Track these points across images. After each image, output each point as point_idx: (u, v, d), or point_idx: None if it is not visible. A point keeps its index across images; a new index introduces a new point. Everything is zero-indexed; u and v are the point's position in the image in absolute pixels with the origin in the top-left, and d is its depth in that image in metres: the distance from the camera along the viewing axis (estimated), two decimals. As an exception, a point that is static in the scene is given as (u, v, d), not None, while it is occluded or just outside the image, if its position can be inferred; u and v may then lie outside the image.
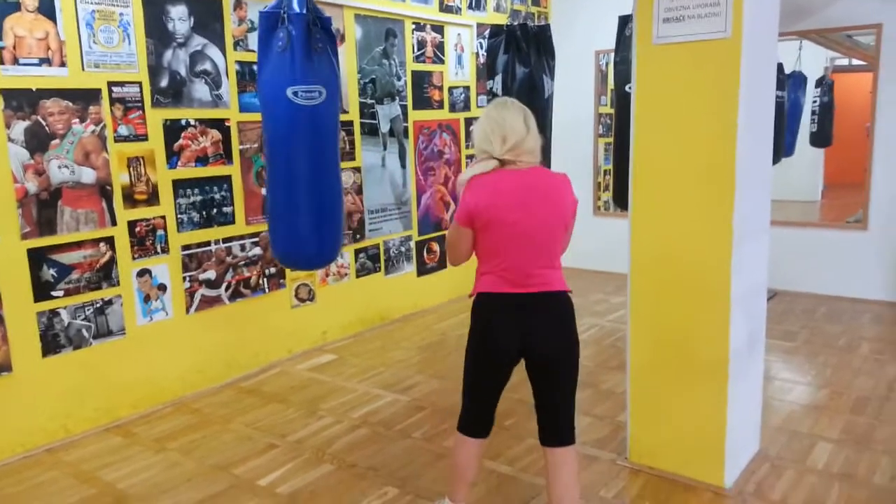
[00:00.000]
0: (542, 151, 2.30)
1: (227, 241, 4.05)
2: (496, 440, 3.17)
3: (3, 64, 3.09)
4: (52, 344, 3.33)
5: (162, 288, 3.76)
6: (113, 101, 3.48)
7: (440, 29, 5.44)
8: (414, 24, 5.20)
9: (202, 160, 3.90)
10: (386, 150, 5.07)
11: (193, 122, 3.83)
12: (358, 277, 4.95)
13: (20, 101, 3.15)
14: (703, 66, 2.59)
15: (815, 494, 2.74)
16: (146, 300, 3.69)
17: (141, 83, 3.59)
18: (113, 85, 3.47)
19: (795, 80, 6.30)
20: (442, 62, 5.49)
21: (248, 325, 4.21)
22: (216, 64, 3.92)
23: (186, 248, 3.85)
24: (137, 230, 3.63)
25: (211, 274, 3.98)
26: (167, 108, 3.71)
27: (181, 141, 3.79)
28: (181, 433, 3.45)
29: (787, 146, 6.38)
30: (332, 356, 4.53)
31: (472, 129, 5.63)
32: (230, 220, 4.05)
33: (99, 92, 3.42)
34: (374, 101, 4.93)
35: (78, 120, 3.35)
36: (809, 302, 5.49)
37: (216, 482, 2.96)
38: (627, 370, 2.97)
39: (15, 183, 3.16)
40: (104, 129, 3.46)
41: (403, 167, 5.23)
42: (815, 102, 6.37)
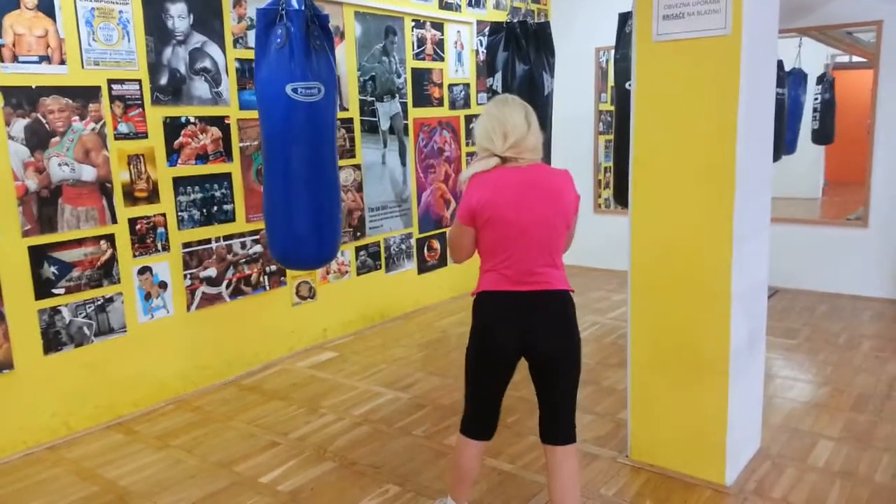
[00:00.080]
0: (543, 148, 2.30)
1: (227, 238, 4.05)
2: (497, 438, 3.14)
3: (2, 62, 3.09)
4: (53, 341, 3.33)
5: (163, 285, 3.76)
6: (113, 98, 3.48)
7: (440, 26, 5.43)
8: (414, 21, 5.19)
9: (202, 158, 3.90)
10: (386, 147, 5.06)
11: (193, 119, 3.83)
12: (359, 275, 4.95)
13: (20, 98, 3.15)
14: (703, 63, 2.59)
15: (816, 492, 2.74)
16: (147, 298, 3.70)
17: (141, 81, 3.58)
18: (113, 82, 3.47)
19: (796, 77, 6.29)
20: (442, 59, 5.48)
21: (248, 322, 4.21)
22: (216, 61, 3.91)
23: (187, 245, 3.85)
24: (138, 228, 3.63)
25: (212, 271, 3.99)
26: (167, 105, 3.71)
27: (181, 138, 3.78)
28: (183, 431, 3.45)
29: (789, 144, 6.38)
30: (332, 354, 4.53)
31: (472, 126, 5.65)
32: (231, 217, 4.06)
33: (99, 89, 3.42)
34: (374, 98, 4.92)
35: (78, 117, 3.35)
36: (810, 299, 5.49)
37: (218, 479, 2.97)
38: (628, 368, 2.97)
39: (15, 181, 3.16)
40: (104, 126, 3.46)
41: (404, 165, 5.23)
42: (816, 100, 6.36)
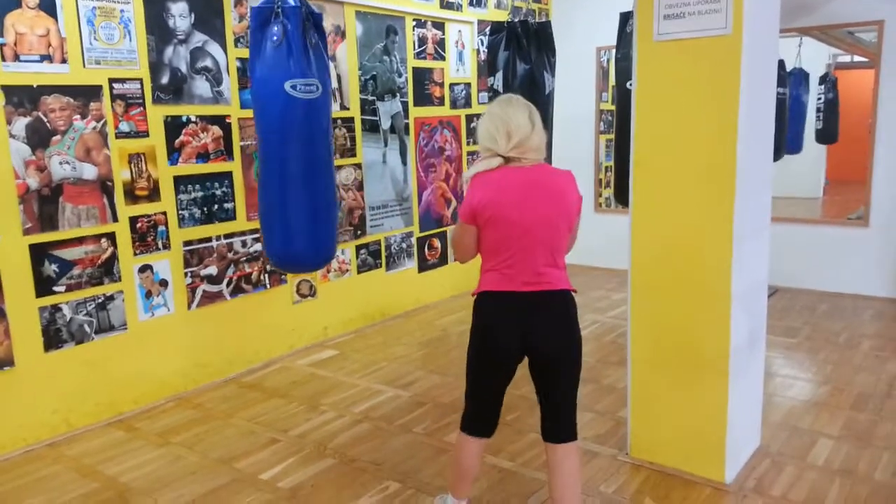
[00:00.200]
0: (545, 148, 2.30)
1: (228, 237, 4.06)
2: (498, 436, 3.15)
3: (4, 60, 3.10)
4: (54, 339, 3.34)
5: (163, 283, 3.77)
6: (114, 97, 3.48)
7: (441, 25, 5.44)
8: (415, 20, 5.19)
9: (203, 156, 3.90)
10: (387, 146, 5.07)
11: (194, 118, 3.84)
12: (359, 273, 4.95)
13: (21, 97, 3.16)
14: (703, 62, 2.59)
15: (815, 490, 2.74)
16: (148, 296, 3.70)
17: (142, 80, 3.59)
18: (114, 81, 3.48)
19: (797, 77, 6.29)
20: (443, 59, 5.49)
21: (249, 320, 4.22)
22: (217, 60, 3.92)
23: (188, 243, 3.86)
24: (139, 226, 3.64)
25: (212, 270, 3.99)
26: (168, 104, 3.71)
27: (182, 137, 3.79)
28: (183, 428, 3.46)
29: (793, 143, 6.37)
30: (333, 352, 4.54)
31: (473, 125, 5.66)
32: (231, 216, 4.06)
33: (100, 88, 3.43)
34: (374, 97, 4.92)
35: (79, 116, 3.36)
36: (810, 298, 5.49)
37: (218, 476, 2.98)
38: (628, 366, 2.98)
39: (16, 179, 3.16)
40: (105, 125, 3.46)
41: (404, 164, 5.23)
42: (819, 99, 6.35)
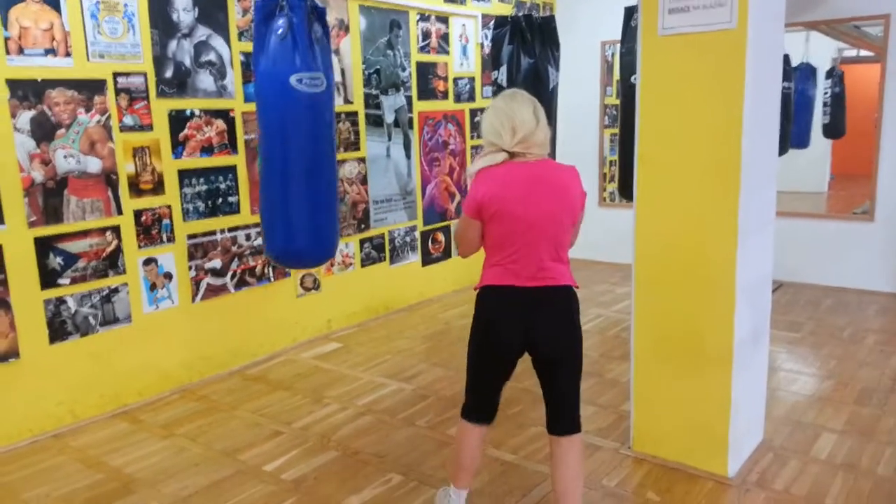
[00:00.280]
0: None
1: (232, 230, 4.07)
2: (500, 429, 3.19)
3: (8, 54, 3.10)
4: (59, 331, 3.36)
5: (168, 276, 3.78)
6: (118, 91, 3.49)
7: (445, 20, 5.42)
8: (419, 14, 5.18)
9: (207, 150, 3.91)
10: (391, 140, 5.07)
11: (198, 112, 3.84)
12: (363, 267, 4.96)
13: (26, 91, 3.16)
14: (708, 57, 2.58)
15: (818, 484, 2.74)
16: (152, 288, 3.72)
17: (146, 73, 3.59)
18: (118, 75, 3.48)
19: (803, 71, 6.25)
20: (447, 53, 5.48)
21: (253, 313, 4.23)
22: (221, 54, 3.92)
23: (192, 237, 3.87)
24: (143, 219, 3.65)
25: (216, 263, 4.00)
26: (172, 98, 3.72)
27: (186, 131, 3.80)
28: (187, 419, 3.48)
29: (799, 138, 6.33)
30: (337, 345, 4.55)
31: (477, 119, 5.65)
32: (235, 209, 4.07)
33: (104, 82, 3.43)
34: (378, 91, 4.92)
35: (83, 110, 3.37)
36: (815, 293, 5.48)
37: (222, 468, 2.99)
38: (632, 360, 2.98)
39: (21, 172, 3.18)
40: (109, 119, 3.47)
41: (408, 158, 5.23)
42: (826, 94, 6.31)
